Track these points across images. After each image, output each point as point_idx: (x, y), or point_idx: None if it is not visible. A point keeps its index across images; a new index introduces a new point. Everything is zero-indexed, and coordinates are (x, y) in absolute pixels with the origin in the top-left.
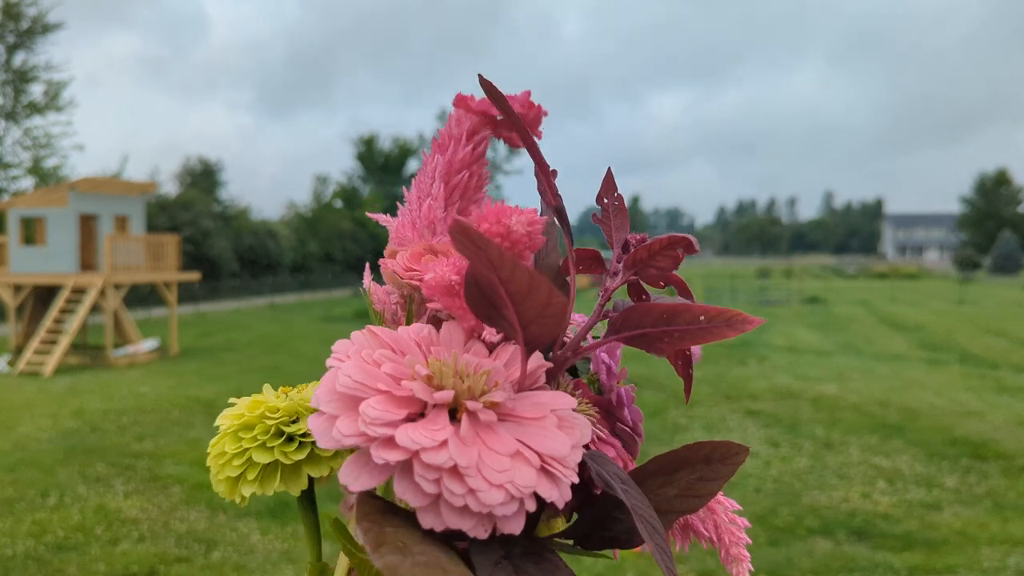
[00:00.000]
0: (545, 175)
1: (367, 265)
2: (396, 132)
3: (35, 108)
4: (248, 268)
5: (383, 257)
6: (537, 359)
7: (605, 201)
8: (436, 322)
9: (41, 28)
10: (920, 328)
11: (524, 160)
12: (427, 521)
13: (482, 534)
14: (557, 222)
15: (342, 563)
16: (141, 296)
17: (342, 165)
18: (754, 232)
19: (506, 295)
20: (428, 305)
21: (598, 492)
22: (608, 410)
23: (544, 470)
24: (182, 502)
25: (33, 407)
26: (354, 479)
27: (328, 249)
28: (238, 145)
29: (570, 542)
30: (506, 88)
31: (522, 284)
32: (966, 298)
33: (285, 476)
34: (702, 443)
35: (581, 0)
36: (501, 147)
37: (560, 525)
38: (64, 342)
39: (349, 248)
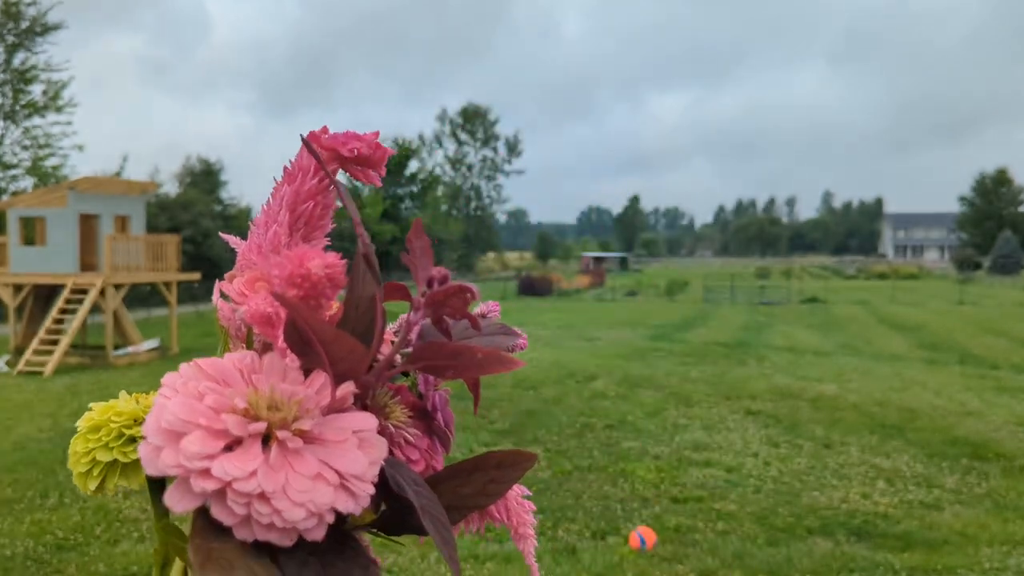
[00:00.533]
0: (356, 225)
1: (216, 282)
2: (396, 132)
3: (35, 108)
4: None
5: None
6: (346, 386)
7: (413, 243)
8: (267, 345)
9: (41, 28)
10: (920, 328)
11: (524, 161)
12: (240, 534)
13: (288, 543)
14: (366, 266)
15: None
16: (141, 296)
17: None
18: (753, 232)
19: (317, 342)
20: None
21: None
22: (425, 411)
23: (343, 486)
24: None
25: (33, 407)
26: (176, 502)
27: (327, 249)
28: (240, 145)
29: (375, 530)
30: (506, 91)
31: (329, 334)
32: (966, 298)
33: (125, 472)
34: (494, 452)
35: (582, 0)
36: (501, 148)
37: (371, 516)
38: (64, 342)
39: (349, 248)
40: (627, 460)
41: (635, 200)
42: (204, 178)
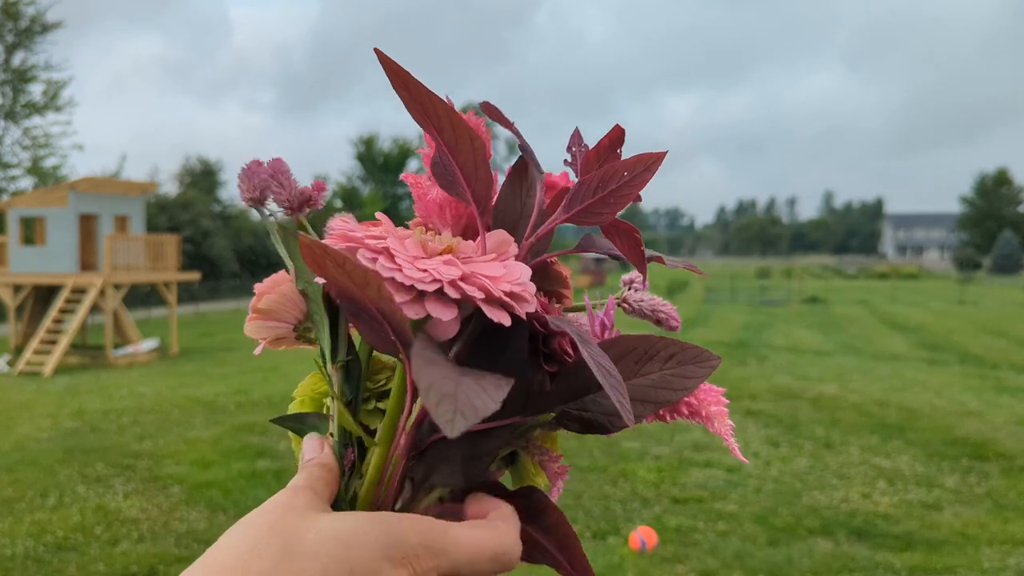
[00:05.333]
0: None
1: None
2: (406, 132)
3: (35, 108)
4: (248, 268)
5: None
6: (500, 235)
7: (573, 149)
8: None
9: (40, 27)
10: (920, 328)
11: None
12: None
13: (412, 314)
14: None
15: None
16: (141, 296)
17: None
18: (754, 232)
19: (447, 150)
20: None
21: (571, 361)
22: None
23: (463, 283)
24: (182, 502)
25: (33, 407)
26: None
27: None
28: (254, 145)
29: (550, 417)
30: (508, 91)
31: (449, 133)
32: (966, 298)
33: None
34: (665, 340)
35: (591, 4)
36: (501, 147)
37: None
38: (64, 342)
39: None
40: (627, 460)
41: (635, 200)
42: (204, 178)
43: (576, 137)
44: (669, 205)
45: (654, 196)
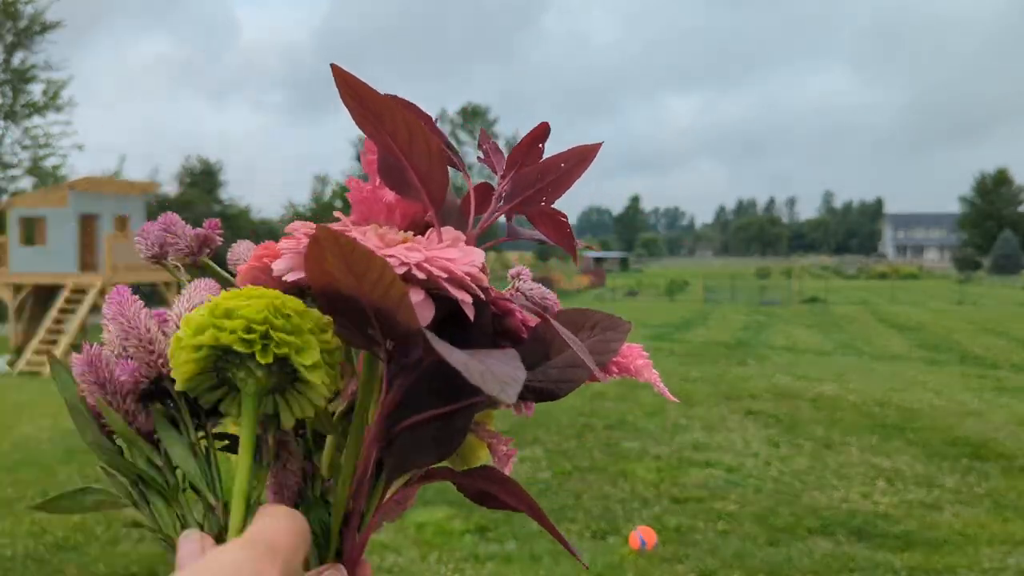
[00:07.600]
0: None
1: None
2: None
3: (35, 108)
4: None
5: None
6: (450, 231)
7: (484, 147)
8: None
9: (39, 27)
10: (920, 328)
11: None
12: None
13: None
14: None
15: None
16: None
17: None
18: (754, 232)
19: (401, 154)
20: None
21: (524, 337)
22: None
23: (429, 266)
24: None
25: (33, 407)
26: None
27: None
28: (259, 146)
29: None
30: (509, 91)
31: (404, 136)
32: (966, 298)
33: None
34: (589, 312)
35: (590, 6)
36: (502, 148)
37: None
38: (64, 342)
39: None
40: (627, 460)
41: (635, 200)
42: (204, 178)
43: (484, 136)
44: (668, 205)
45: (653, 196)
